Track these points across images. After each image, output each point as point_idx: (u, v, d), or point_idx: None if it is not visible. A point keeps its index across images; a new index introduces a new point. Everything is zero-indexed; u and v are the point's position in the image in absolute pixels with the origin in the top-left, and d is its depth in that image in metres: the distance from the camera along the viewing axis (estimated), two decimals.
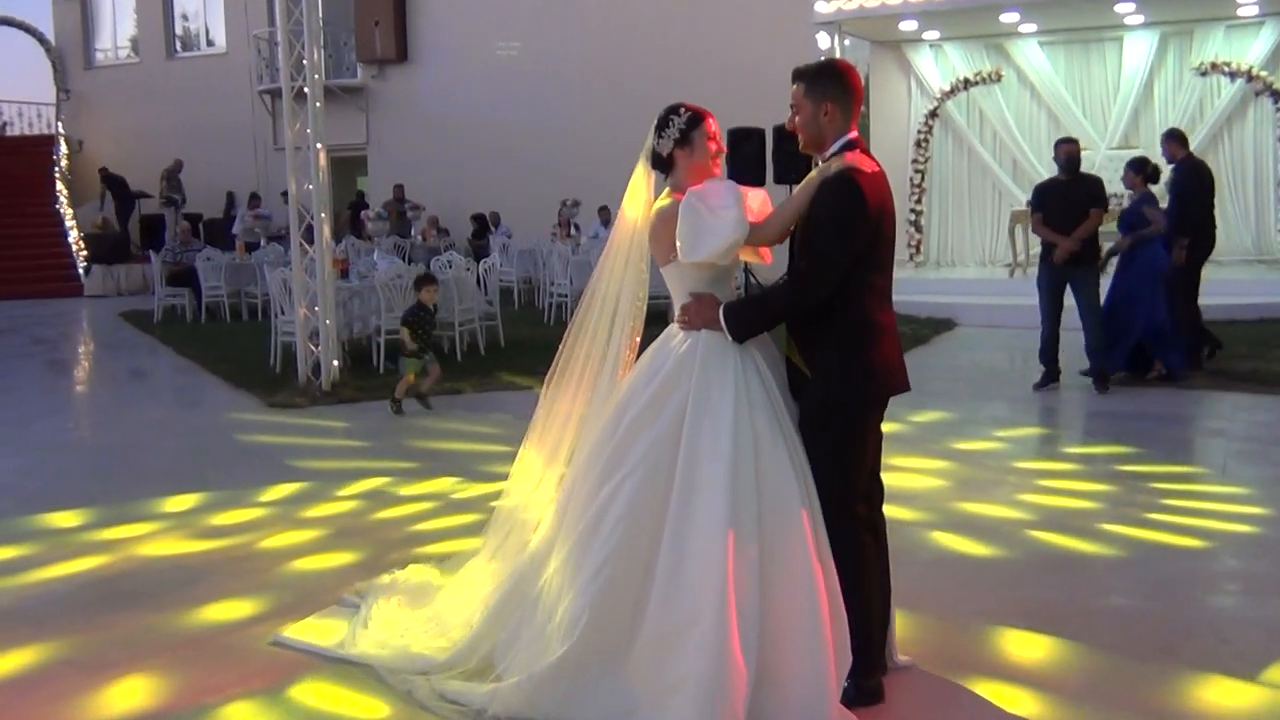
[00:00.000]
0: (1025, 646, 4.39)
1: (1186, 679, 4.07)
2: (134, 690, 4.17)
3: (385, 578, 5.01)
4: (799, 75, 3.82)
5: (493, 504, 4.50)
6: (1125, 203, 10.75)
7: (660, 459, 3.64)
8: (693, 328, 3.77)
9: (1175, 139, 10.20)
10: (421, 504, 6.64)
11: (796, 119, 3.81)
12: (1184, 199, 10.11)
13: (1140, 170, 9.80)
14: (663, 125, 3.88)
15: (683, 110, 3.87)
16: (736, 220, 3.69)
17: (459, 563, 4.85)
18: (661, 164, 3.92)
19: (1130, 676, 4.10)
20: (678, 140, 3.85)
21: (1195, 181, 10.15)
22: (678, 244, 3.72)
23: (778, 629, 3.54)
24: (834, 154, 3.73)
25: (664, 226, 3.80)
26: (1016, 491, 6.63)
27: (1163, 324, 9.57)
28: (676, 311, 3.87)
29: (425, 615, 4.47)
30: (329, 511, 6.53)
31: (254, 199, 21.88)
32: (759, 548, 3.54)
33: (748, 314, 3.77)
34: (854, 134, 3.77)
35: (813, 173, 3.73)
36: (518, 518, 4.32)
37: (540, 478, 4.25)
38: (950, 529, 5.90)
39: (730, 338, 3.71)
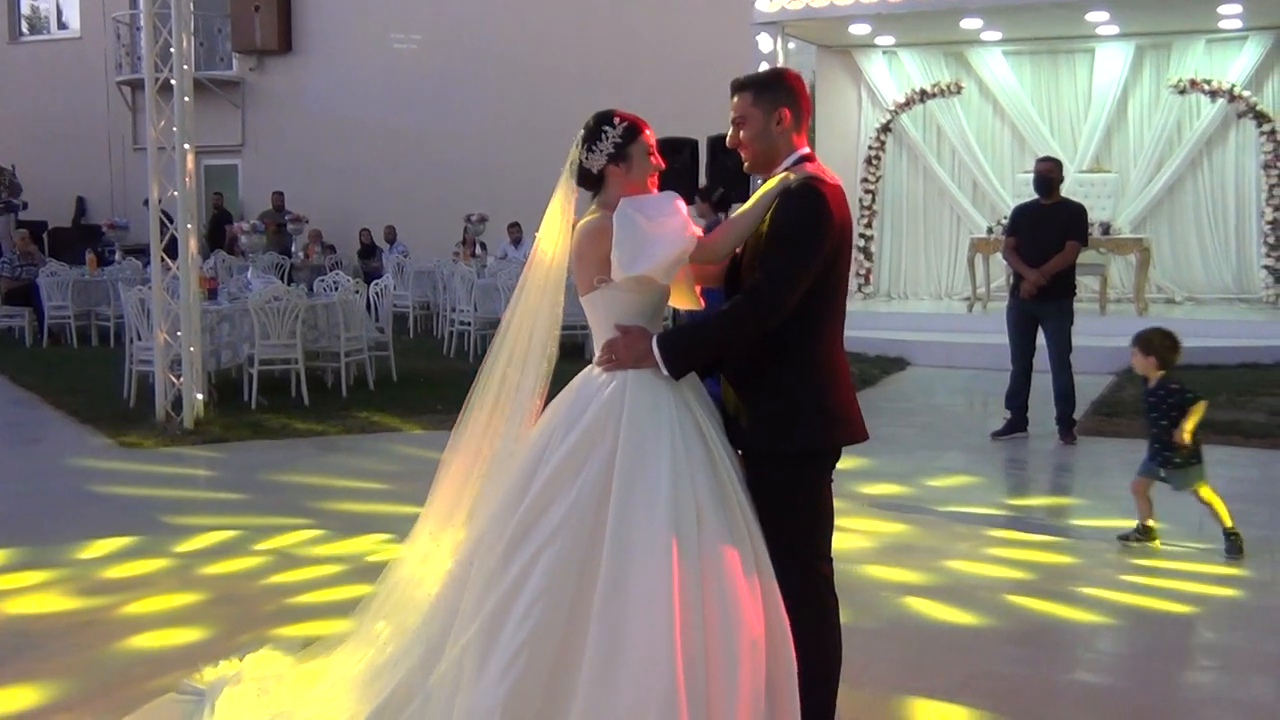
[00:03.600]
0: None
1: None
2: None
3: (230, 665, 4.70)
4: (744, 85, 3.78)
5: (378, 563, 4.35)
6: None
7: (583, 525, 3.49)
8: (620, 366, 3.65)
9: None
10: (294, 564, 6.54)
11: (741, 134, 3.76)
12: None
13: (707, 197, 10.32)
14: (594, 137, 3.75)
15: (617, 120, 3.76)
16: (682, 229, 3.62)
17: (323, 648, 4.58)
18: (590, 181, 3.80)
19: None
20: (612, 155, 3.74)
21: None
22: (614, 256, 3.59)
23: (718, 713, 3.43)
24: (790, 167, 3.71)
25: (592, 244, 3.69)
26: (971, 553, 6.71)
27: None
28: (598, 349, 3.77)
29: (271, 714, 4.19)
30: (184, 570, 6.42)
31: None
32: (704, 620, 3.43)
33: (686, 343, 3.68)
34: (808, 149, 3.77)
35: (770, 182, 3.70)
36: (404, 593, 4.12)
37: (432, 545, 4.07)
38: (897, 594, 5.94)
39: (665, 372, 3.61)
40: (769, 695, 3.49)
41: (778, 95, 3.73)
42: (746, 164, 3.81)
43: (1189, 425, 6.58)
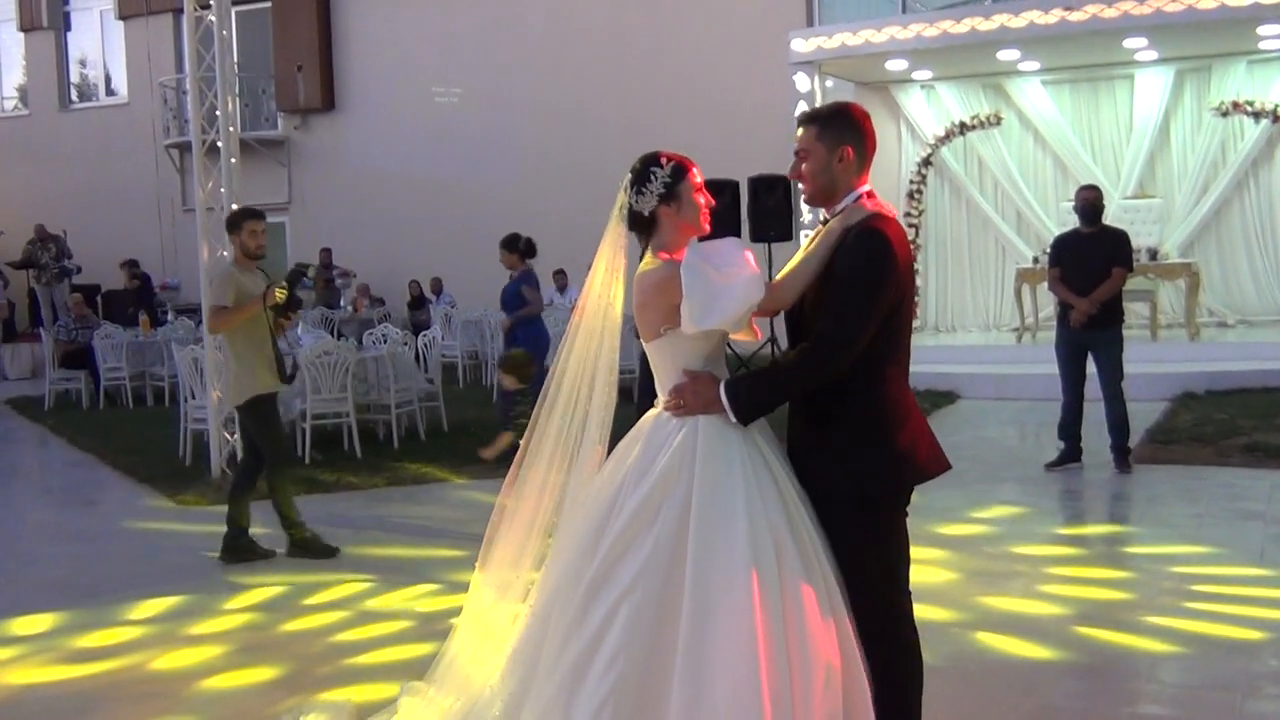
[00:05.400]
0: None
1: None
2: None
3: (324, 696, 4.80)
4: (811, 118, 3.78)
5: (434, 614, 4.36)
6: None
7: (661, 571, 3.49)
8: (689, 412, 3.64)
9: None
10: (349, 616, 6.58)
11: (804, 166, 3.74)
12: None
13: (513, 248, 10.46)
14: (642, 180, 3.73)
15: (664, 160, 3.75)
16: (753, 280, 3.59)
17: (389, 712, 4.60)
18: (642, 224, 3.77)
19: None
20: (663, 195, 3.71)
21: None
22: (685, 309, 3.57)
23: None
24: (848, 205, 3.71)
25: (657, 293, 3.66)
26: (1029, 585, 6.66)
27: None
28: (661, 394, 3.75)
29: None
30: (243, 623, 6.48)
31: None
32: (787, 657, 3.44)
33: (755, 391, 3.65)
34: (868, 187, 3.76)
35: (831, 222, 3.71)
36: (470, 653, 4.13)
37: (495, 602, 4.07)
38: (956, 629, 5.90)
39: (734, 419, 3.60)
40: None
41: (842, 133, 3.72)
42: (805, 196, 3.81)
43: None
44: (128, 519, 9.34)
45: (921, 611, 6.06)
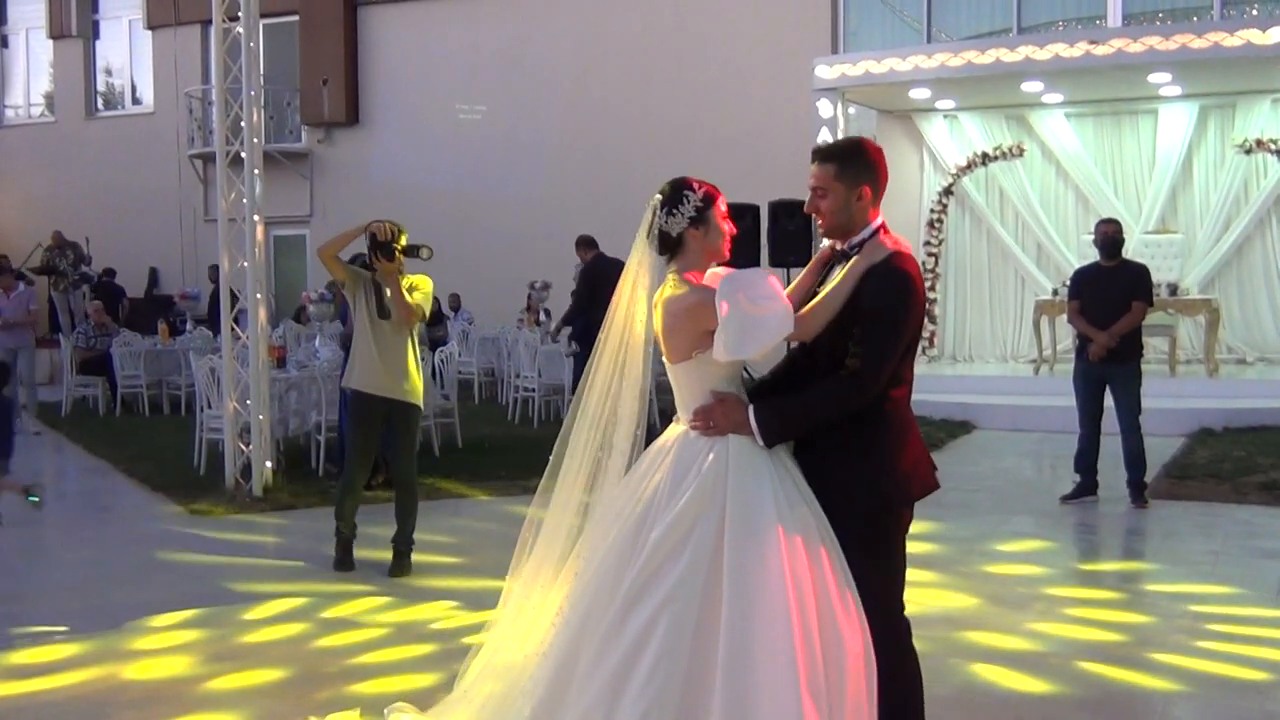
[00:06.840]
0: None
1: None
2: None
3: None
4: (829, 155, 3.89)
5: (446, 630, 4.37)
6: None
7: (699, 585, 3.61)
8: (718, 432, 3.78)
9: (583, 243, 12.96)
10: (363, 630, 6.57)
11: (821, 204, 3.87)
12: (576, 296, 12.97)
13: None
14: (675, 202, 3.88)
15: (696, 186, 3.91)
16: (786, 313, 3.73)
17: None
18: (669, 245, 3.92)
19: None
20: (693, 219, 3.88)
21: (584, 282, 12.56)
22: (720, 340, 3.71)
23: None
24: (865, 240, 3.86)
25: (688, 319, 3.80)
26: (1043, 618, 6.62)
27: None
28: (684, 413, 3.88)
29: None
30: (254, 638, 6.46)
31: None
32: (824, 666, 3.56)
33: (784, 419, 3.81)
34: (881, 219, 3.91)
35: (855, 261, 3.82)
36: (498, 657, 4.20)
37: (524, 604, 4.15)
38: (969, 659, 5.88)
39: (761, 442, 3.75)
40: None
41: (860, 171, 3.86)
42: (822, 230, 3.96)
43: None
44: (140, 527, 9.35)
45: (930, 640, 6.07)
